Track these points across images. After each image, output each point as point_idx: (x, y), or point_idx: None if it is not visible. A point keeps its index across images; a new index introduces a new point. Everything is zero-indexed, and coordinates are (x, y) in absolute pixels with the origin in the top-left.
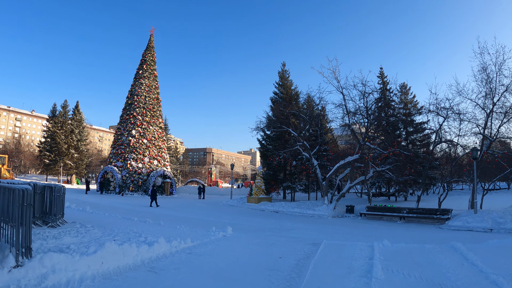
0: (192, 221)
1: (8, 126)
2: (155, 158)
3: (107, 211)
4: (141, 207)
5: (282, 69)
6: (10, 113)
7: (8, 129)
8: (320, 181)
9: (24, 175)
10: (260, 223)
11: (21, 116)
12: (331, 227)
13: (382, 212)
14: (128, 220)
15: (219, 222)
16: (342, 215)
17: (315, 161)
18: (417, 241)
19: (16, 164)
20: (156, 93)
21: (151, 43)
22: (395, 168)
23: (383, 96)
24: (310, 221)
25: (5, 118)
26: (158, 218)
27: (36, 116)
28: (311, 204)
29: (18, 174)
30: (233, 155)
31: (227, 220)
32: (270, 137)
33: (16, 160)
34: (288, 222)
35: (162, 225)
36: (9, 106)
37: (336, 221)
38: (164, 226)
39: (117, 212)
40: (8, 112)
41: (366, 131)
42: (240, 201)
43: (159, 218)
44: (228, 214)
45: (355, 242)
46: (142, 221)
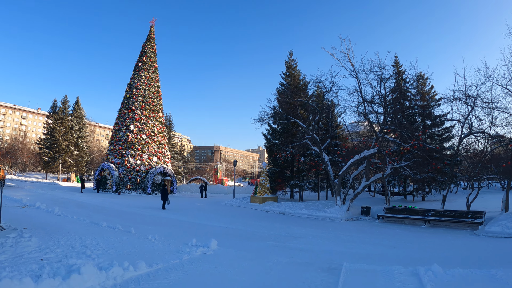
0: (178, 226)
1: (13, 124)
2: (155, 155)
3: (82, 213)
4: (131, 208)
5: (289, 59)
6: (15, 111)
7: (13, 127)
8: (332, 178)
9: (23, 173)
10: (261, 229)
11: (26, 114)
12: (346, 234)
13: (403, 214)
14: (94, 226)
15: (211, 228)
16: (357, 217)
17: (326, 156)
18: (459, 255)
19: (15, 161)
20: (156, 86)
21: (151, 34)
22: (414, 165)
23: (398, 86)
24: (321, 225)
25: (11, 116)
26: (136, 223)
27: (42, 114)
28: (322, 204)
29: (18, 172)
30: (241, 153)
31: (222, 224)
32: (276, 131)
33: (14, 158)
34: (295, 227)
35: (132, 234)
36: (15, 104)
37: (351, 226)
38: (133, 236)
39: (94, 215)
40: (13, 110)
41: (383, 121)
42: (243, 201)
43: (139, 222)
44: (226, 217)
45: (389, 266)
46: (110, 228)
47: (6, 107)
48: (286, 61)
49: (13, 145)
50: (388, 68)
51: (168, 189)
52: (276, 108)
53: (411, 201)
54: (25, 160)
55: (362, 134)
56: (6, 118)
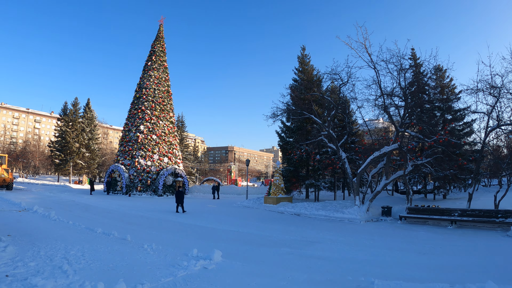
0: (184, 231)
1: (27, 128)
2: (166, 155)
3: (83, 217)
4: (138, 210)
5: (302, 54)
6: (29, 115)
7: (27, 130)
8: (350, 177)
9: (35, 176)
10: (275, 232)
11: (40, 117)
12: (368, 238)
13: (427, 214)
14: (88, 232)
15: (220, 232)
16: (377, 218)
17: (343, 154)
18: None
19: (27, 164)
20: (166, 86)
21: (160, 33)
22: (435, 161)
23: (416, 80)
24: (339, 228)
25: (24, 120)
26: (138, 227)
27: (55, 117)
28: (339, 205)
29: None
30: (255, 153)
31: (233, 228)
32: (290, 128)
33: (25, 161)
34: (311, 231)
35: (127, 242)
36: (28, 108)
37: (372, 228)
38: (127, 244)
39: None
40: (27, 114)
41: (403, 115)
42: (256, 202)
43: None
44: (237, 219)
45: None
46: (104, 234)
47: (19, 111)
48: (299, 56)
49: (24, 148)
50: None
51: None
52: (289, 104)
53: (432, 199)
54: (37, 163)
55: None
56: (20, 122)
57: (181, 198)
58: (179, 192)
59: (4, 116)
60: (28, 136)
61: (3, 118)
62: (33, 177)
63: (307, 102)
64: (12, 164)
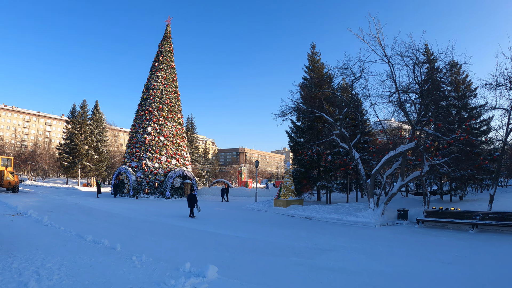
0: (184, 238)
1: (38, 131)
2: (173, 157)
3: (81, 222)
4: (142, 214)
5: (311, 51)
6: (39, 118)
7: (38, 133)
8: (364, 178)
9: (45, 179)
10: (284, 239)
11: (50, 120)
12: (385, 245)
13: (446, 218)
14: (77, 240)
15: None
16: (393, 222)
17: (356, 154)
18: None
19: (34, 167)
20: (174, 86)
21: (167, 33)
22: (452, 161)
23: (430, 76)
24: (353, 233)
25: (35, 123)
26: (137, 233)
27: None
28: (352, 207)
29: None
30: (266, 154)
31: (239, 233)
32: (300, 128)
33: (33, 164)
34: (323, 236)
35: (115, 252)
36: (39, 112)
37: (388, 233)
38: (115, 255)
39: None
40: (37, 117)
41: (419, 112)
42: (266, 204)
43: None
44: (245, 223)
45: None
46: (93, 243)
47: (30, 114)
48: (308, 54)
49: (32, 151)
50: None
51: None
52: (299, 103)
53: (448, 201)
54: (45, 165)
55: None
56: (31, 125)
57: (193, 201)
58: (192, 195)
59: (15, 119)
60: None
61: (14, 121)
62: (42, 180)
63: (318, 101)
64: (21, 167)
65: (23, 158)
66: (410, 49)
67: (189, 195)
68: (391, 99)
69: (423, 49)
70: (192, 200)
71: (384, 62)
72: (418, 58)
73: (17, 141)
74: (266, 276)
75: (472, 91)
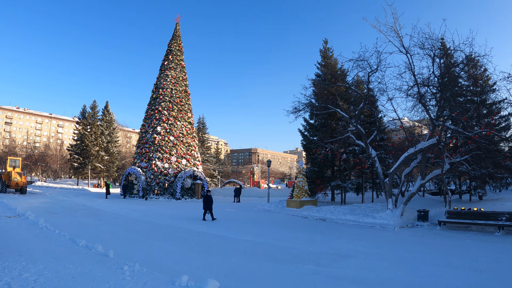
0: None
1: (50, 132)
2: (184, 157)
3: (83, 224)
4: (150, 216)
5: (324, 47)
6: (51, 120)
7: (50, 135)
8: (381, 177)
9: (56, 180)
10: (297, 243)
11: (63, 122)
12: (408, 250)
13: (470, 219)
14: (68, 244)
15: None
16: (412, 223)
17: (373, 152)
18: None
19: (45, 168)
20: (184, 85)
21: (177, 31)
22: (472, 159)
23: (446, 71)
24: (371, 235)
25: (47, 125)
26: (139, 236)
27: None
28: (369, 208)
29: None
30: (279, 154)
31: (249, 237)
32: (314, 126)
33: (43, 165)
34: (340, 240)
35: (107, 260)
36: (51, 113)
37: (409, 236)
38: (105, 263)
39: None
40: (50, 119)
41: (439, 107)
42: (278, 205)
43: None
44: (256, 226)
45: None
46: (86, 248)
47: (42, 116)
48: (321, 50)
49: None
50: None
51: (199, 193)
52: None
53: (468, 201)
54: (55, 166)
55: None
56: (43, 127)
57: (209, 203)
58: (208, 197)
59: (28, 121)
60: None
61: (26, 123)
62: (53, 181)
63: (332, 98)
64: (32, 168)
65: (33, 160)
66: (429, 39)
67: (205, 197)
68: (409, 93)
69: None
70: (208, 202)
71: (402, 53)
72: (438, 48)
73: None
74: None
75: (491, 86)
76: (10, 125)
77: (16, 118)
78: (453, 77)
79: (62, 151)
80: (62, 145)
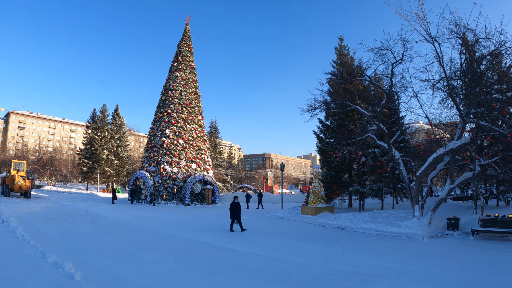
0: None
1: (63, 137)
2: (193, 161)
3: (76, 233)
4: (153, 223)
5: (339, 44)
6: (64, 124)
7: (63, 140)
8: (407, 181)
9: (66, 184)
10: (315, 258)
11: (75, 127)
12: (445, 266)
13: (508, 227)
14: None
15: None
16: (441, 233)
17: (396, 153)
18: None
19: (54, 172)
20: (194, 87)
21: (186, 32)
22: (501, 161)
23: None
24: (398, 248)
25: (60, 129)
26: (132, 249)
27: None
28: (391, 216)
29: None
30: (292, 159)
31: (258, 250)
32: (330, 127)
33: (52, 169)
34: (364, 254)
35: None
36: (64, 118)
37: (441, 248)
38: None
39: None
40: (63, 124)
41: (469, 102)
42: (292, 212)
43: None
44: (268, 236)
45: None
46: (53, 267)
47: (55, 121)
48: (336, 47)
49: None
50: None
51: (209, 199)
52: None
53: (495, 206)
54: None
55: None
56: (56, 132)
57: (237, 212)
58: (235, 204)
59: (41, 126)
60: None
61: (39, 128)
62: (63, 185)
63: (349, 97)
64: (40, 172)
65: (42, 164)
66: (458, 27)
67: (232, 204)
68: (438, 86)
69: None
70: (235, 210)
71: (428, 42)
72: (468, 37)
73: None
74: None
75: None
76: (23, 130)
77: (29, 123)
78: (484, 69)
79: (74, 156)
80: (75, 149)
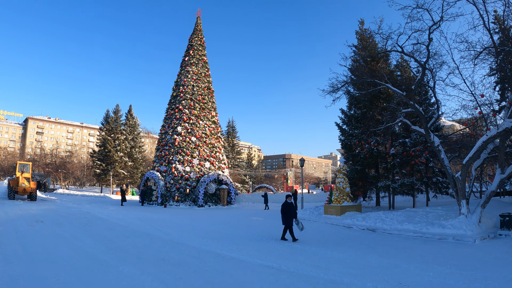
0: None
1: (82, 141)
2: (207, 160)
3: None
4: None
5: (360, 28)
6: (83, 129)
7: (82, 144)
8: (450, 172)
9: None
10: (345, 272)
11: (94, 131)
12: None
13: None
14: None
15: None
16: (494, 233)
17: (436, 139)
18: None
19: (67, 175)
20: (207, 82)
21: (198, 26)
22: None
23: None
24: (448, 254)
25: (79, 134)
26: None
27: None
28: (430, 214)
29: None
30: (313, 160)
31: (273, 260)
32: (354, 117)
33: (64, 171)
34: (408, 265)
35: None
36: (82, 123)
37: (502, 253)
38: None
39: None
40: (81, 128)
41: None
42: (314, 212)
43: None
44: (282, 241)
45: None
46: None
47: (73, 125)
48: (357, 31)
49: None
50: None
51: (225, 199)
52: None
53: None
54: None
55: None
56: (74, 136)
57: (289, 215)
58: (287, 205)
59: (59, 131)
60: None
61: (57, 133)
62: (77, 189)
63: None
64: (53, 175)
65: (55, 167)
66: None
67: (284, 205)
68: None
69: None
70: (287, 213)
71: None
72: None
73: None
74: None
75: None
76: (41, 135)
77: (47, 128)
78: None
79: (76, 157)
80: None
